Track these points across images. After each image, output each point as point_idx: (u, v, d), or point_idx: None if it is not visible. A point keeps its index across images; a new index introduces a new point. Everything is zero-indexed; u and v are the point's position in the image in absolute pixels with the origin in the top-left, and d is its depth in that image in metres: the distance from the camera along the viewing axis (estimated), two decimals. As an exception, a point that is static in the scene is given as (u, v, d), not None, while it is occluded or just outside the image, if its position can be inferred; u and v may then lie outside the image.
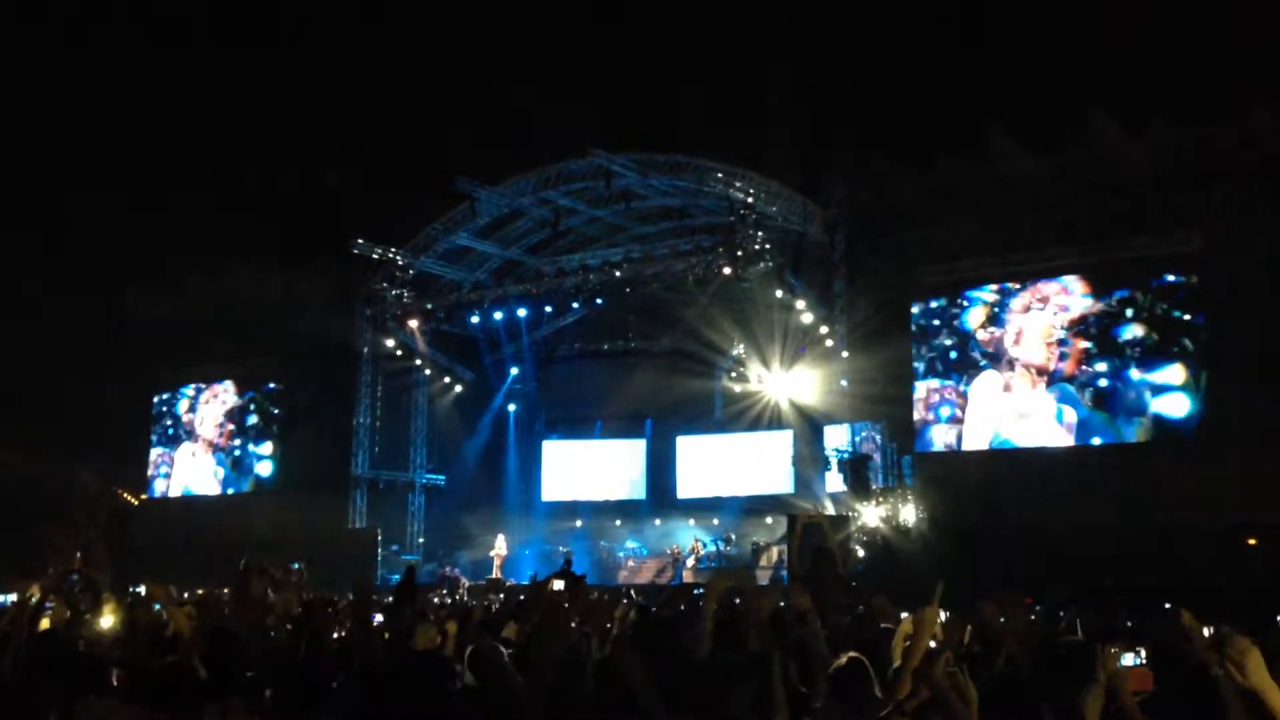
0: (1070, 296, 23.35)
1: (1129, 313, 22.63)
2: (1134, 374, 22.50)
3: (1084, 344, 22.99)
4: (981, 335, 24.14)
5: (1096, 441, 22.76)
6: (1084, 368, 22.93)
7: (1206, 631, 7.50)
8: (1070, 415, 22.97)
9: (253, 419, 33.01)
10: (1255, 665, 3.57)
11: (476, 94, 36.24)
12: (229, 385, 33.62)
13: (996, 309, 24.05)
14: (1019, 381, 23.54)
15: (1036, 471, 22.95)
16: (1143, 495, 21.33)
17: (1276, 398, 20.05)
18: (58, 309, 31.90)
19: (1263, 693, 3.51)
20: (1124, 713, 4.31)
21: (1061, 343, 23.18)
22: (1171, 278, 22.24)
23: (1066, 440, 23.02)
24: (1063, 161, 22.58)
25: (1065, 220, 22.80)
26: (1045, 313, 23.49)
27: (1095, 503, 21.76)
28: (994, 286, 24.15)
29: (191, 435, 34.08)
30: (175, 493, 34.04)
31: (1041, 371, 23.30)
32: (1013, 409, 23.60)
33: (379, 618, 8.41)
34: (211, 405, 33.88)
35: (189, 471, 33.94)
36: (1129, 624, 8.31)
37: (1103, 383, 22.77)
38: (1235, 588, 15.42)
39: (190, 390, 34.27)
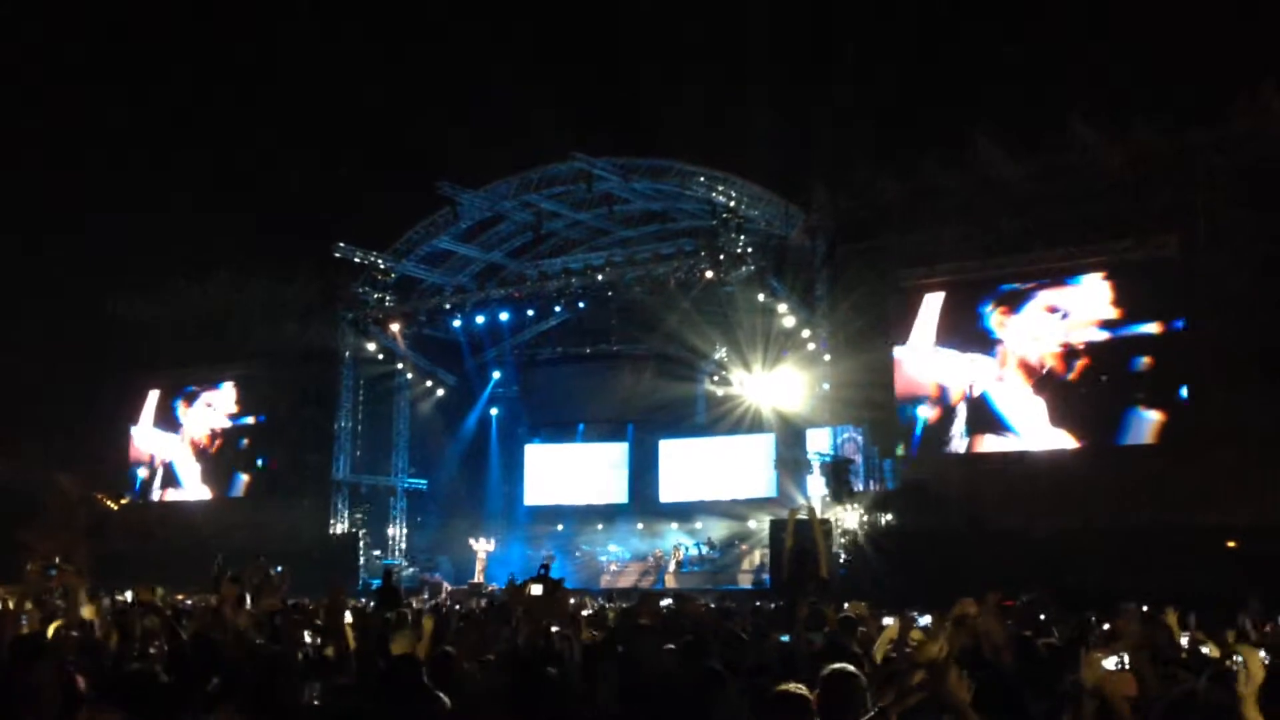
0: (1061, 299, 23.30)
1: (1109, 317, 22.66)
2: (1116, 378, 22.55)
3: (1068, 347, 23.00)
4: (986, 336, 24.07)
5: (1078, 444, 22.81)
6: (1068, 371, 22.95)
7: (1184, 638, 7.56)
8: (1054, 418, 23.01)
9: (234, 423, 32.84)
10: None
11: (459, 98, 36.22)
12: (210, 389, 33.43)
13: (994, 315, 23.99)
14: (1008, 385, 23.56)
15: (1016, 475, 23.00)
16: (1122, 498, 21.39)
17: (1256, 399, 20.17)
18: (40, 313, 31.78)
19: None
20: (1113, 715, 4.32)
21: (1052, 348, 23.16)
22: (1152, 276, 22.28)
23: (1050, 443, 23.04)
24: (1043, 165, 22.65)
25: (1046, 224, 22.84)
26: (1036, 319, 23.48)
27: (1075, 505, 21.81)
28: (994, 294, 24.06)
29: (172, 440, 33.88)
30: (156, 497, 33.85)
31: (1031, 372, 23.30)
32: (1002, 410, 23.61)
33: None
34: (193, 410, 33.71)
35: (170, 476, 33.76)
36: (1106, 626, 8.34)
37: (1083, 388, 22.82)
38: (1215, 590, 15.45)
39: (171, 395, 34.05)
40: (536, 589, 5.96)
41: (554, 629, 5.93)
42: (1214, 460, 20.58)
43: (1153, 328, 22.27)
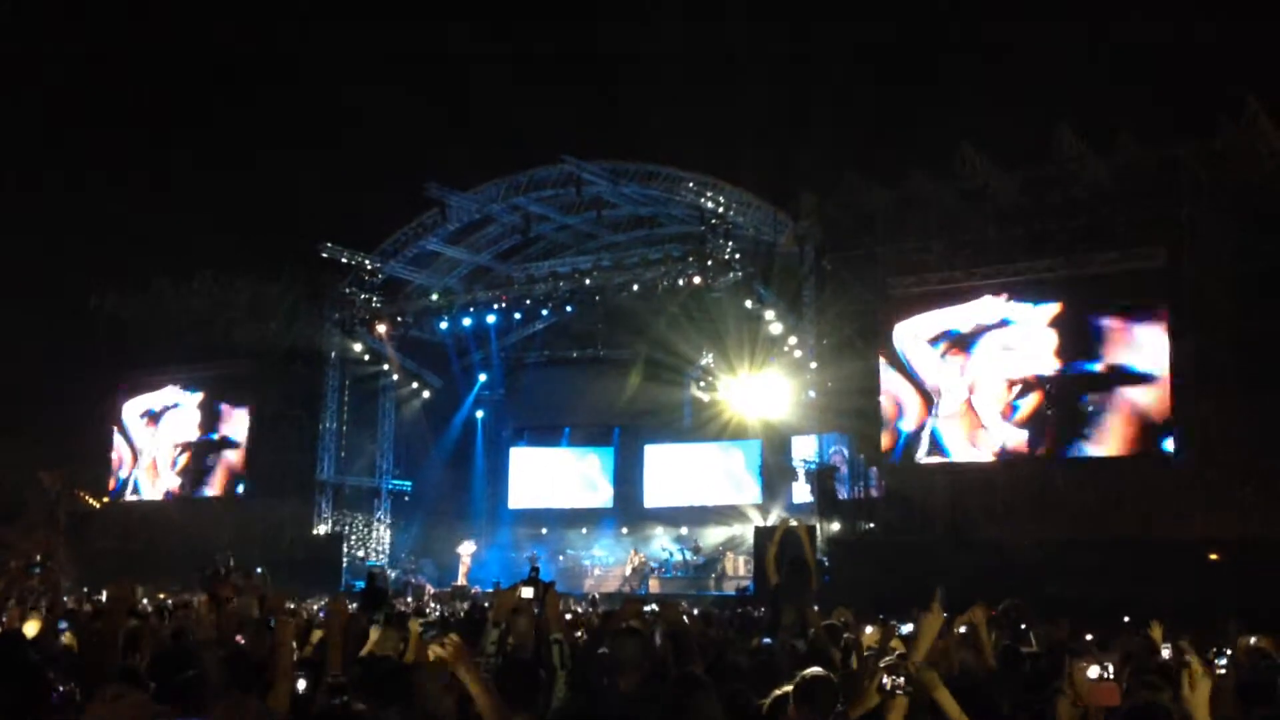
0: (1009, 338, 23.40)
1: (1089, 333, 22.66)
2: (1097, 394, 22.60)
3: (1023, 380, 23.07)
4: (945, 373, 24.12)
5: (1062, 455, 22.85)
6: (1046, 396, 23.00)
7: (1166, 650, 7.59)
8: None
9: (217, 423, 32.64)
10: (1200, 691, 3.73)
11: (448, 99, 36.19)
12: (196, 388, 33.20)
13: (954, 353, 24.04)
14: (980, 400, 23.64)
15: (1000, 484, 23.02)
16: (1106, 510, 21.47)
17: (1239, 412, 20.26)
18: (24, 312, 31.60)
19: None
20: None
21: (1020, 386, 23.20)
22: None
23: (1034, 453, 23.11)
24: (1031, 177, 22.72)
25: (1033, 235, 22.90)
26: (1001, 360, 23.57)
27: (1058, 516, 21.88)
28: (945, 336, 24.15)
29: (155, 438, 33.69)
30: (139, 496, 33.65)
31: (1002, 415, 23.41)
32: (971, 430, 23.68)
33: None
34: (178, 408, 33.50)
35: (153, 475, 33.56)
36: (1089, 637, 8.37)
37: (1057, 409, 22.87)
38: (1198, 603, 15.51)
39: (156, 393, 33.85)
40: (528, 592, 5.94)
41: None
42: (1198, 472, 20.69)
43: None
